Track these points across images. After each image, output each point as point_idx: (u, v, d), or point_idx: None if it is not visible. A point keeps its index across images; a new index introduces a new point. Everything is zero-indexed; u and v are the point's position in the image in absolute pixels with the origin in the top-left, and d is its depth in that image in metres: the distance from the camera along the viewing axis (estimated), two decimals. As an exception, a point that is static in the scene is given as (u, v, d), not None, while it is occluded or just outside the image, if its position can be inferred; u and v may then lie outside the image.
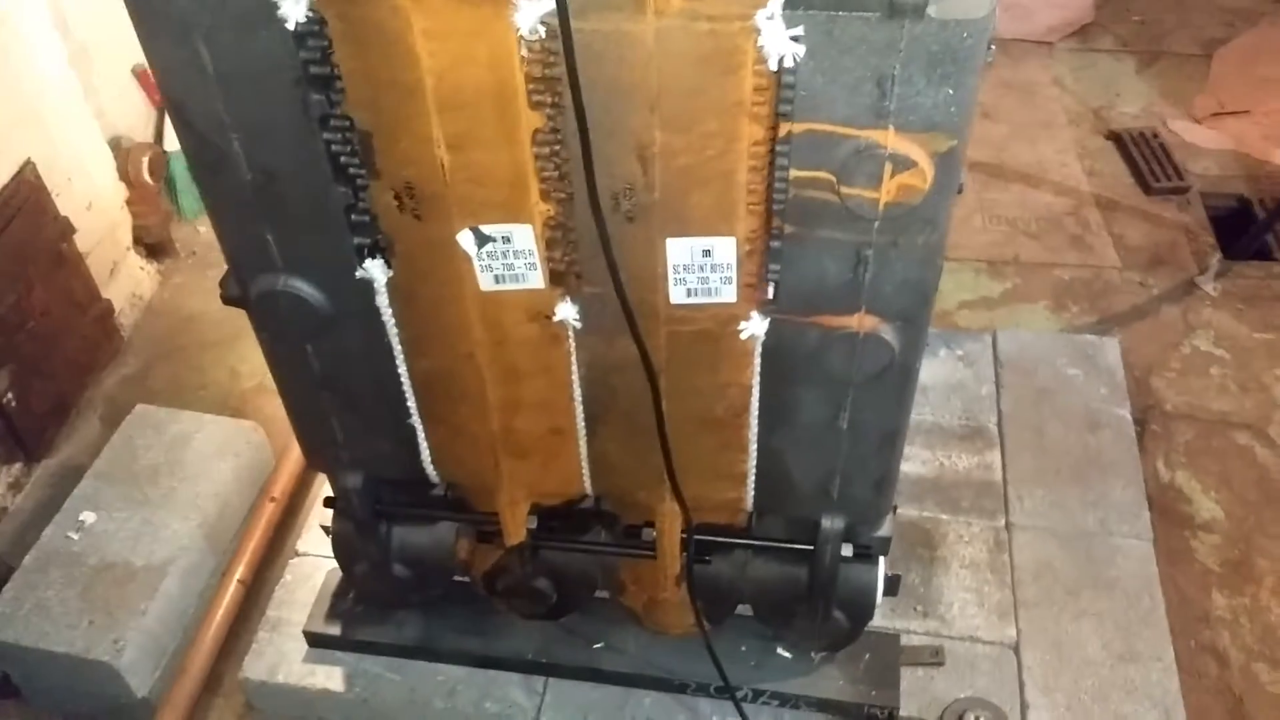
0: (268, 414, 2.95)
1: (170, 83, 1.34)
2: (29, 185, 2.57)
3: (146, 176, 3.05)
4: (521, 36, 1.22)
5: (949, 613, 2.28)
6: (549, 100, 1.30)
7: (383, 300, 1.59)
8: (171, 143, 3.30)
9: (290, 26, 1.24)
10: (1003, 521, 2.48)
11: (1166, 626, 2.27)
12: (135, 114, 3.31)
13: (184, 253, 3.36)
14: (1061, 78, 4.17)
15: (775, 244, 1.42)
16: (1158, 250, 3.41)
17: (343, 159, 1.41)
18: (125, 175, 3.03)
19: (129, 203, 3.06)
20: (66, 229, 2.72)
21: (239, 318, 3.20)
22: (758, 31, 1.18)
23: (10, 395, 2.53)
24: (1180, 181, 3.55)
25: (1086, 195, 3.57)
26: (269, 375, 3.07)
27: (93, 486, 2.40)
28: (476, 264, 1.50)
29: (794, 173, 1.33)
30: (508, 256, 1.49)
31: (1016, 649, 2.23)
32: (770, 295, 1.48)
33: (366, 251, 1.53)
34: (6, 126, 2.51)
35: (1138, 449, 2.66)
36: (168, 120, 3.38)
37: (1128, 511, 2.49)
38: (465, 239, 1.46)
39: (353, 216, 1.48)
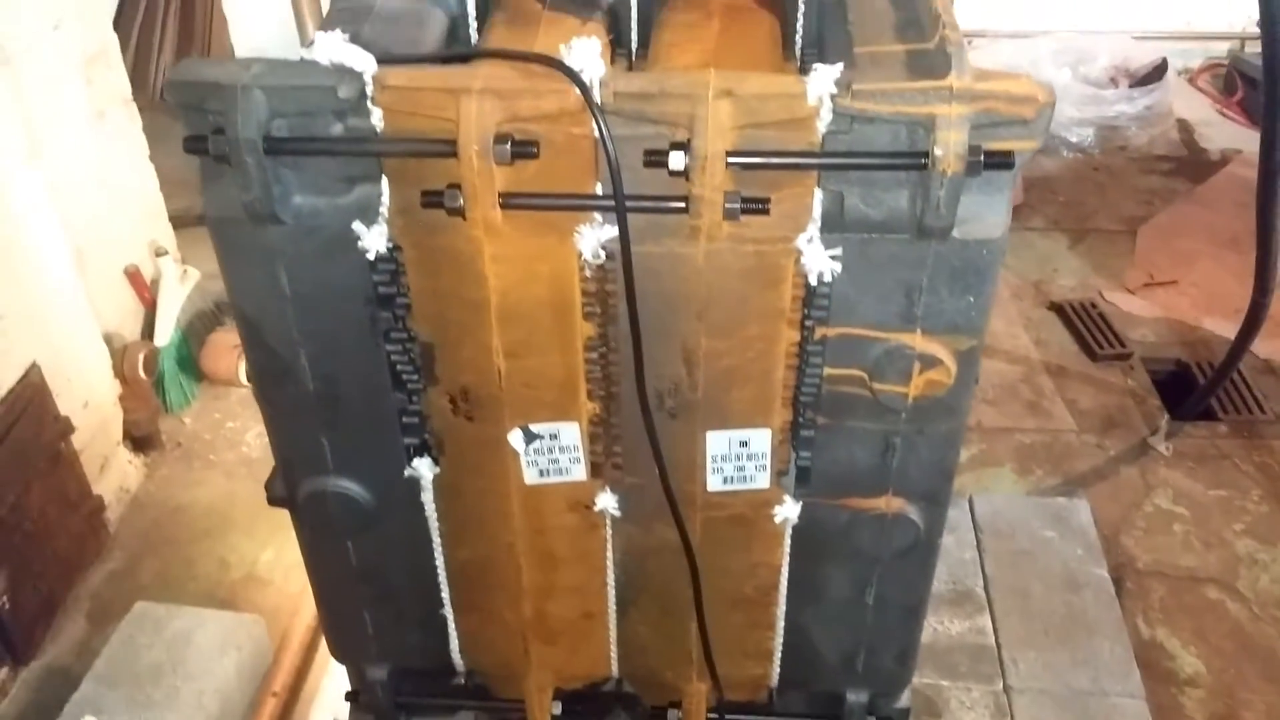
0: (257, 604, 2.93)
1: (247, 304, 1.43)
2: (33, 387, 2.60)
3: (141, 373, 3.10)
4: (583, 259, 1.34)
5: (963, 781, 2.30)
6: (602, 311, 1.42)
7: (428, 496, 1.64)
8: (161, 338, 3.36)
9: (370, 257, 1.34)
10: (1000, 685, 2.54)
11: (1171, 784, 2.31)
12: (126, 311, 3.38)
13: (170, 445, 3.37)
14: (1000, 254, 4.47)
15: (808, 433, 1.52)
16: (1109, 413, 3.61)
17: (401, 368, 1.49)
18: (120, 372, 3.07)
19: (121, 399, 3.10)
20: (66, 428, 2.73)
21: (226, 509, 3.24)
22: (798, 252, 1.32)
23: (5, 598, 2.48)
24: (1122, 349, 3.80)
25: (1037, 363, 3.80)
26: (259, 565, 3.09)
27: (94, 690, 2.34)
28: (523, 460, 1.58)
29: (828, 370, 1.44)
30: (553, 452, 1.57)
31: (1032, 816, 2.25)
32: (802, 481, 1.58)
33: (415, 450, 1.60)
34: (14, 330, 2.56)
35: (1119, 607, 2.76)
36: (157, 316, 3.46)
37: (1118, 670, 2.57)
38: (515, 438, 1.54)
39: (405, 419, 1.56)
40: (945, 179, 1.21)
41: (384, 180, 1.33)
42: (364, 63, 1.26)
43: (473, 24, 1.79)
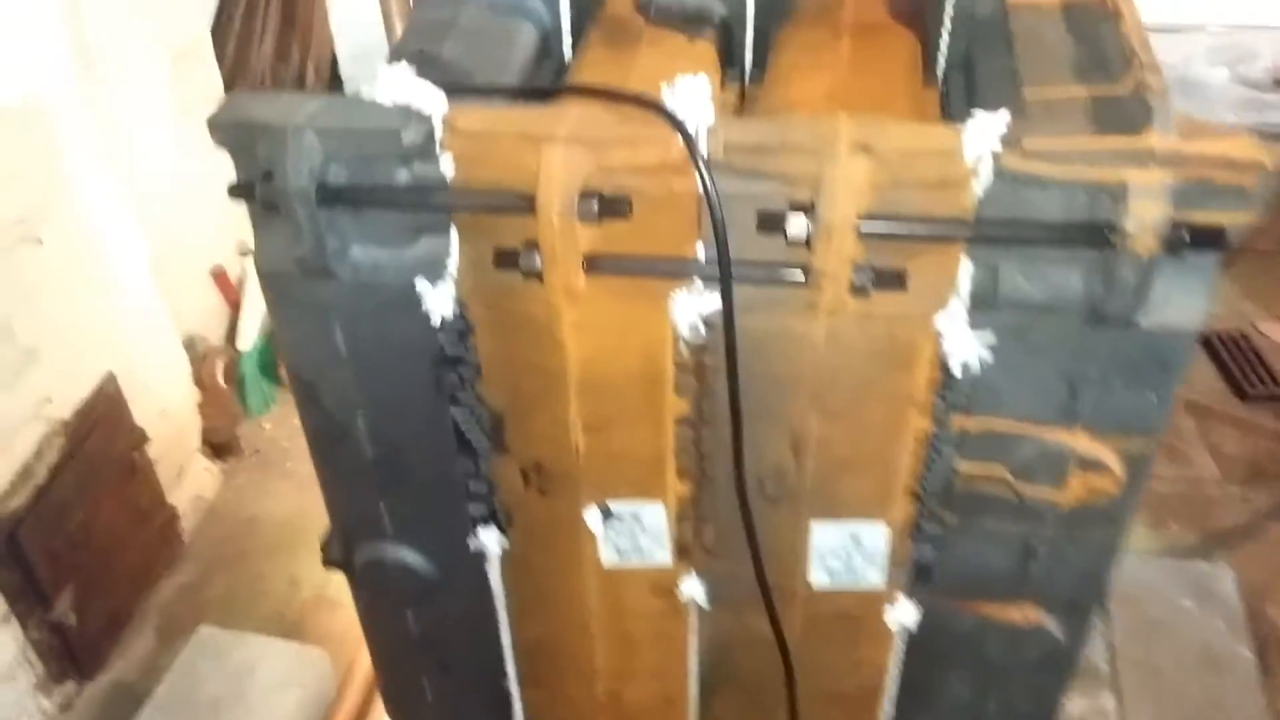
0: (325, 629, 2.83)
1: (300, 362, 1.29)
2: (107, 398, 2.54)
3: (221, 381, 3.03)
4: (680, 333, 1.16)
5: None
6: (698, 384, 1.23)
7: (494, 570, 1.48)
8: (244, 342, 3.29)
9: (435, 323, 1.18)
10: (1127, 778, 2.28)
11: None
12: (210, 313, 3.32)
13: (248, 451, 3.30)
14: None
15: (933, 530, 1.31)
16: (1257, 460, 3.28)
17: (469, 435, 1.33)
18: (199, 380, 3.01)
19: (200, 406, 3.03)
20: (140, 438, 2.67)
21: (301, 522, 3.15)
22: (938, 332, 1.11)
23: (72, 614, 2.42)
24: (1276, 388, 3.44)
25: (1177, 400, 3.47)
26: (330, 586, 2.99)
27: (152, 718, 2.26)
28: (600, 540, 1.40)
29: (963, 465, 1.23)
30: (635, 533, 1.39)
31: None
32: (922, 579, 1.37)
33: (481, 521, 1.44)
34: (89, 342, 2.50)
35: (1262, 696, 2.47)
36: (241, 318, 3.39)
37: (1264, 769, 2.29)
38: (592, 518, 1.36)
39: (471, 487, 1.40)
40: (1136, 260, 0.98)
41: (453, 232, 1.16)
42: (433, 103, 1.09)
43: (566, 40, 1.61)
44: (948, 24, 1.52)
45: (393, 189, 1.12)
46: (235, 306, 3.41)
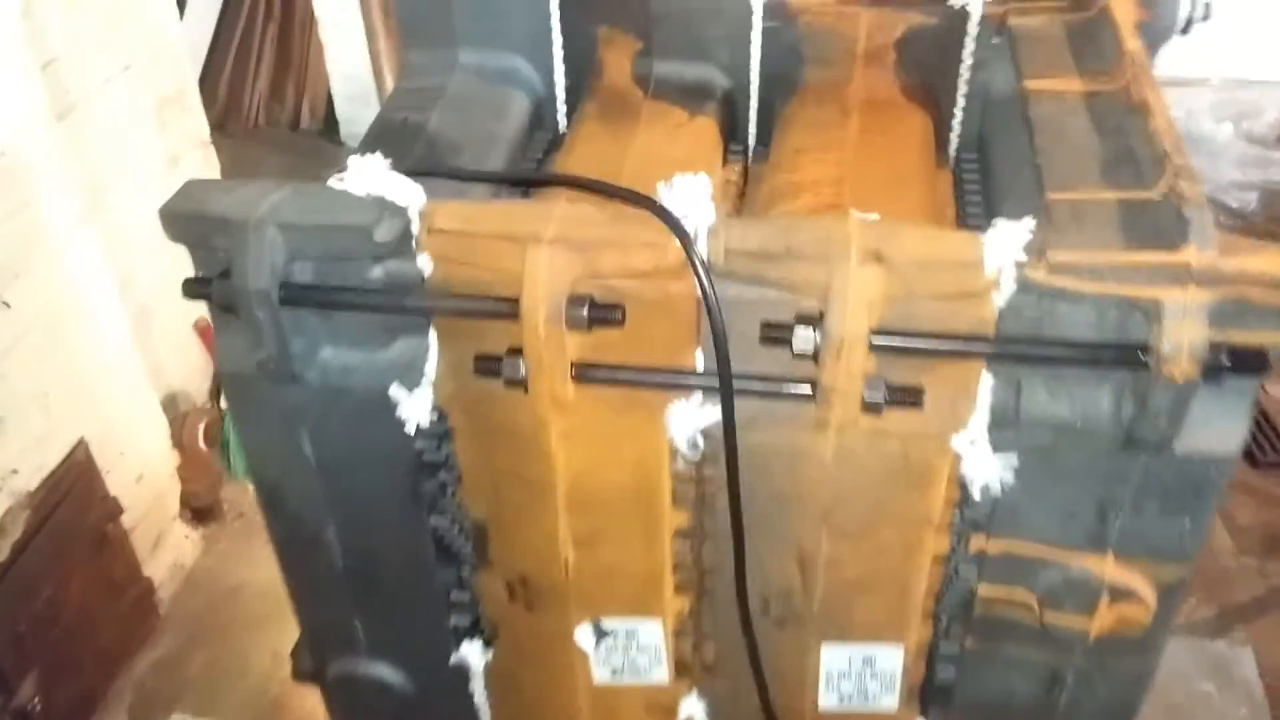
0: (308, 708, 2.71)
1: (264, 468, 1.20)
2: (79, 466, 2.44)
3: (202, 444, 2.93)
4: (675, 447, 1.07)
5: None
6: (697, 496, 1.14)
7: (478, 685, 1.39)
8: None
9: (410, 431, 1.09)
10: None
11: None
12: (194, 370, 3.22)
13: (230, 515, 3.19)
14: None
15: (950, 653, 1.21)
16: (1271, 531, 3.17)
17: (451, 545, 1.24)
18: (179, 442, 2.90)
19: (180, 469, 2.93)
20: (114, 509, 2.57)
21: (284, 593, 3.04)
22: (956, 455, 1.02)
23: (36, 700, 2.31)
24: (1291, 455, 3.34)
25: (1190, 467, 3.37)
26: (313, 660, 2.89)
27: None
28: (593, 657, 1.30)
29: (984, 588, 1.14)
30: (630, 651, 1.30)
31: None
32: (939, 703, 1.27)
33: (464, 633, 1.34)
34: (61, 407, 2.40)
35: (1290, 788, 2.35)
36: (226, 375, 3.30)
37: None
38: (584, 635, 1.27)
39: (453, 597, 1.30)
40: (1172, 384, 0.90)
41: (431, 334, 1.07)
42: (409, 196, 1.01)
43: (561, 110, 1.54)
44: (961, 102, 1.45)
45: (364, 290, 1.03)
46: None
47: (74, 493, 2.40)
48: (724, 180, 1.40)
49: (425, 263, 1.03)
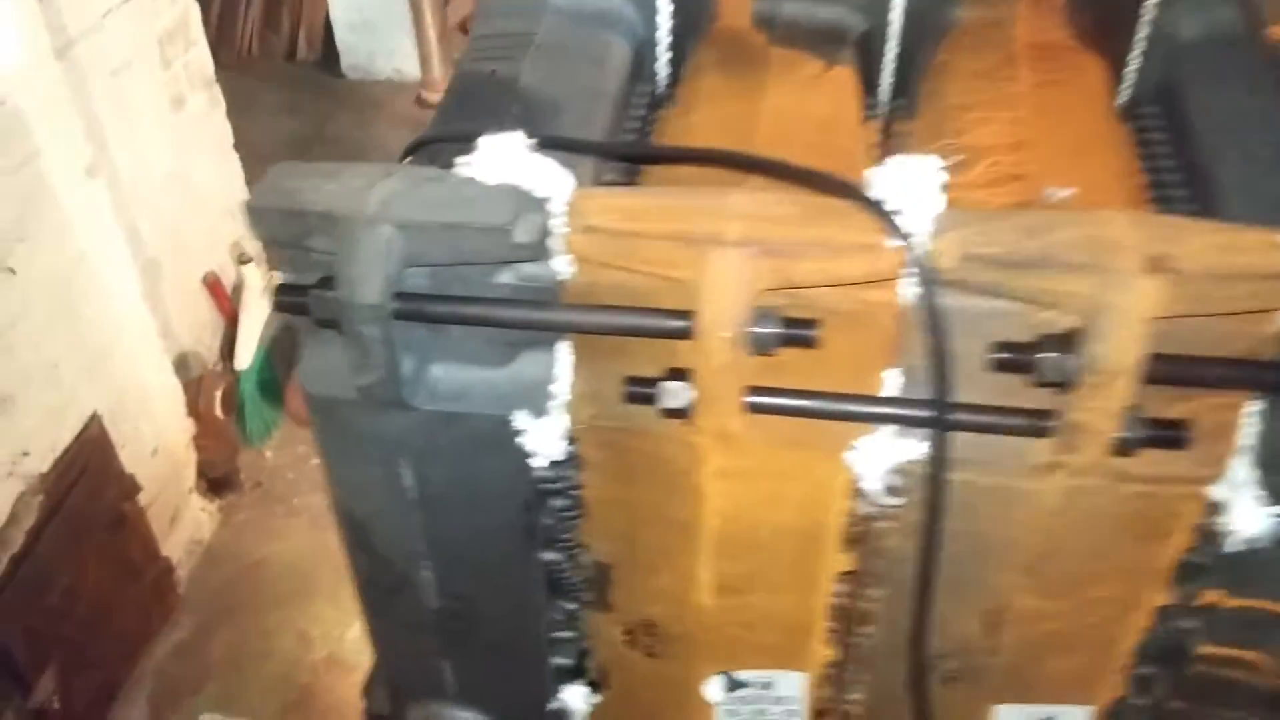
0: (339, 695, 2.58)
1: (353, 502, 1.02)
2: (93, 443, 2.26)
3: (219, 411, 2.75)
4: (858, 485, 0.89)
5: None
6: (862, 540, 0.97)
7: (579, 730, 1.22)
8: (241, 360, 3.01)
9: (536, 464, 0.91)
10: None
11: None
12: (203, 327, 3.03)
13: (249, 484, 3.02)
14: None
15: (1150, 715, 1.05)
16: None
17: (566, 588, 1.07)
18: (195, 410, 2.72)
19: (196, 439, 2.75)
20: (131, 487, 2.39)
21: (310, 566, 2.88)
22: (1206, 499, 0.84)
23: (55, 697, 2.16)
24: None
25: None
26: (343, 643, 2.74)
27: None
28: (719, 709, 1.14)
29: (1207, 648, 0.97)
30: (762, 703, 1.13)
31: None
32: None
33: (566, 674, 1.17)
34: (71, 380, 2.22)
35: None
36: (239, 335, 3.11)
37: None
38: (714, 688, 1.10)
39: (559, 638, 1.13)
40: None
41: (562, 348, 0.89)
42: (552, 185, 0.81)
43: (662, 59, 1.32)
44: (1141, 46, 1.24)
45: (492, 301, 0.84)
46: (231, 317, 3.12)
47: (88, 472, 2.23)
48: (866, 141, 1.20)
49: (565, 265, 0.83)
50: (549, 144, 0.88)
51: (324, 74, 4.86)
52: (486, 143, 0.83)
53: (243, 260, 3.06)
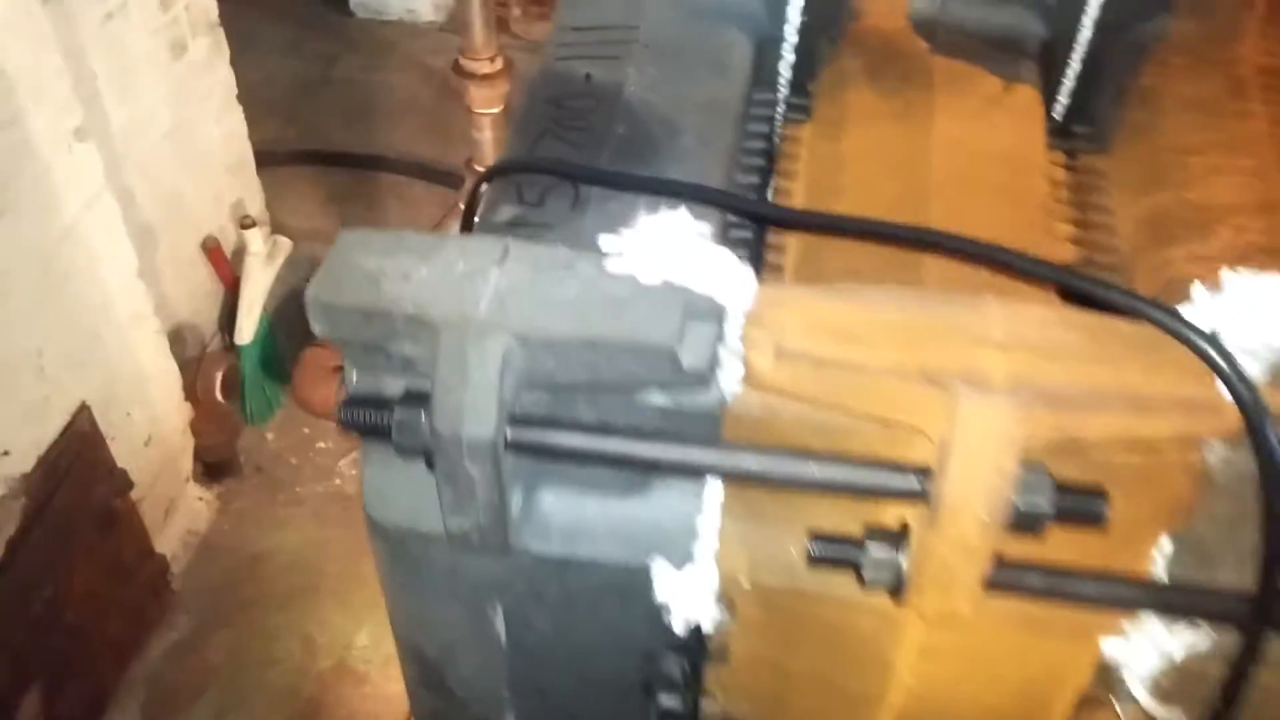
0: (350, 708, 2.39)
1: (424, 640, 0.81)
2: (81, 438, 2.04)
3: (219, 395, 2.52)
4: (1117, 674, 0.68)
5: None
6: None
7: None
8: (242, 335, 2.78)
9: (676, 624, 0.70)
10: None
11: None
12: (201, 295, 2.80)
13: (249, 468, 2.81)
14: None
15: None
16: None
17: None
18: (193, 394, 2.50)
19: (193, 423, 2.53)
20: (123, 483, 2.18)
21: (316, 561, 2.67)
22: None
23: (40, 715, 1.96)
24: None
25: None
26: (351, 650, 2.55)
27: None
28: None
29: None
30: None
31: None
32: None
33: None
34: (57, 368, 1.99)
35: None
36: (240, 306, 2.87)
37: None
38: None
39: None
40: None
41: (711, 482, 0.67)
42: (730, 286, 0.59)
43: (786, 61, 1.09)
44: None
45: (638, 432, 0.62)
46: (231, 285, 2.88)
47: (76, 470, 2.01)
48: (1049, 176, 0.98)
49: (734, 386, 0.62)
50: (681, 192, 0.66)
51: (330, 11, 4.55)
52: (645, 222, 0.60)
53: (245, 224, 2.82)
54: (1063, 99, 1.07)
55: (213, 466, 2.68)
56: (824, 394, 0.59)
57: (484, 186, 0.93)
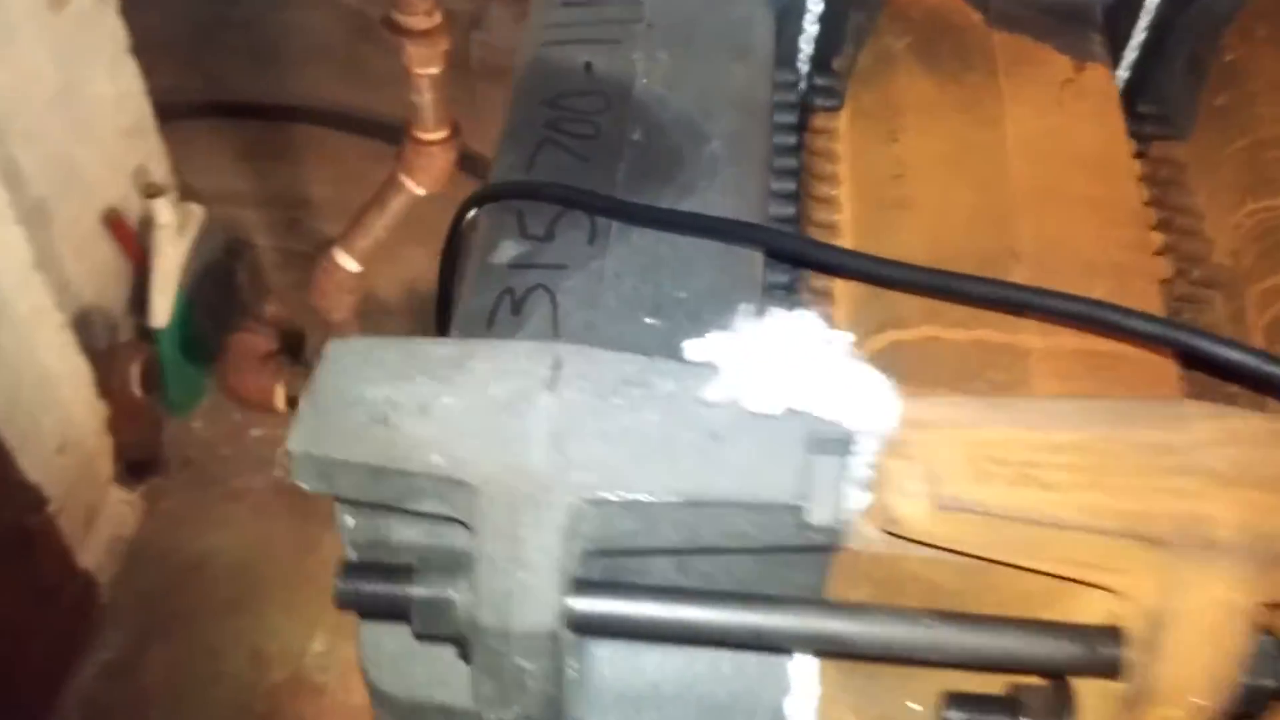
0: (308, 722, 2.26)
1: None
2: (-18, 458, 1.84)
3: (137, 389, 2.31)
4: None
5: None
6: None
7: None
8: (157, 317, 2.56)
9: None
10: None
11: None
12: (106, 274, 2.56)
13: (176, 463, 2.61)
14: None
15: None
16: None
17: None
18: (108, 390, 2.29)
19: (110, 421, 2.32)
20: (35, 499, 1.99)
21: (259, 563, 2.50)
22: None
23: (-45, 770, 1.79)
24: None
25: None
26: (304, 659, 2.40)
27: None
28: None
29: None
30: None
31: None
32: None
33: None
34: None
35: None
36: (151, 284, 2.64)
37: None
38: None
39: None
40: None
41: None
42: (869, 414, 0.45)
43: (808, 30, 0.94)
44: None
45: (744, 597, 0.49)
46: (139, 260, 2.64)
47: (-22, 494, 1.82)
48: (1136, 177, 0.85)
49: (871, 533, 0.48)
50: (724, 232, 0.51)
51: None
52: (755, 330, 0.46)
53: (150, 192, 2.58)
54: (1122, 71, 0.94)
55: (136, 465, 2.48)
56: (996, 550, 0.45)
57: (470, 214, 0.78)
